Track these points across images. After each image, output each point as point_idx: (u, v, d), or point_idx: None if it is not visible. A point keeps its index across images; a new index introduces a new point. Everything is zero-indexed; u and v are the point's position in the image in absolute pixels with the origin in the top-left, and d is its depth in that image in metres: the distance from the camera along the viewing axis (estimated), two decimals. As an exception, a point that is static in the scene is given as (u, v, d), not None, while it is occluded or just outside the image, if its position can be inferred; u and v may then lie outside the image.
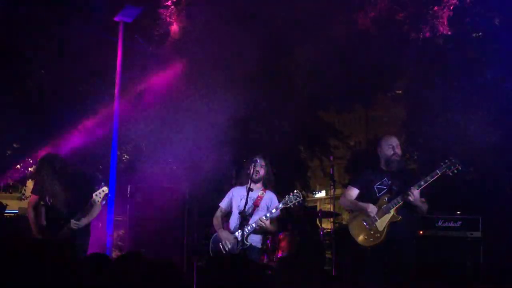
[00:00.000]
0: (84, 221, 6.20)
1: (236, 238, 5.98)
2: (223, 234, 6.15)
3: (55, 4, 10.22)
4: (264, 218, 5.92)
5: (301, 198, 6.07)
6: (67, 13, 10.26)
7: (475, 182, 10.63)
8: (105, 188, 6.16)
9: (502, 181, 10.38)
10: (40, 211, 6.42)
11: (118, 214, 9.29)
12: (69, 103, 10.85)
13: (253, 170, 6.09)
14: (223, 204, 6.42)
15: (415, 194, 5.61)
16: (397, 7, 9.87)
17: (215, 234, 6.29)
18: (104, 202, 6.27)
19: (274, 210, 5.99)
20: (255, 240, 6.08)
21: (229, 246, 5.99)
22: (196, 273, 9.01)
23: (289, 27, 10.36)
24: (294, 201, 5.99)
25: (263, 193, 6.17)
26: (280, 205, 6.01)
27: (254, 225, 5.94)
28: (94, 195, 6.09)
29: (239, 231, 5.95)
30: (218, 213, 6.42)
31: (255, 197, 6.12)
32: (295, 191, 6.06)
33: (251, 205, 6.03)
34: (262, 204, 6.12)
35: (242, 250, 5.86)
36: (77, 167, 6.80)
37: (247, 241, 5.93)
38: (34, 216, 6.39)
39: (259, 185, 6.20)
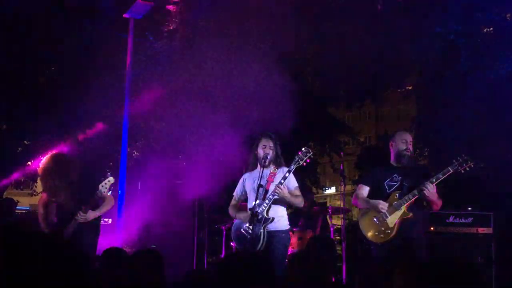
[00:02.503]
0: (91, 214, 6.14)
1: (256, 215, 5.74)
2: (242, 215, 5.96)
3: (66, 1, 10.26)
4: (281, 184, 5.69)
5: (311, 152, 5.84)
6: (77, 10, 10.30)
7: (486, 178, 10.57)
8: (111, 178, 6.07)
9: (513, 177, 10.31)
10: (51, 209, 6.45)
11: (128, 210, 9.31)
12: (80, 100, 10.89)
13: (263, 154, 5.95)
14: (236, 192, 6.25)
15: (430, 188, 5.58)
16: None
17: (235, 222, 6.09)
18: (110, 192, 6.19)
19: (287, 174, 5.75)
20: (279, 221, 5.85)
21: (251, 228, 5.71)
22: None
23: (299, 24, 10.35)
24: (305, 158, 5.79)
25: (275, 169, 5.97)
26: (293, 166, 5.79)
27: (271, 196, 5.70)
28: (100, 186, 6.05)
29: (259, 207, 5.73)
30: (233, 202, 6.23)
31: (268, 174, 5.92)
32: (303, 148, 5.86)
33: (265, 183, 5.84)
34: (277, 178, 5.85)
35: (264, 228, 5.68)
36: (83, 163, 6.77)
37: (268, 215, 5.74)
38: (44, 214, 6.41)
39: (270, 166, 6.01)
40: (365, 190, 6.04)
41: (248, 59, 10.12)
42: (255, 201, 5.83)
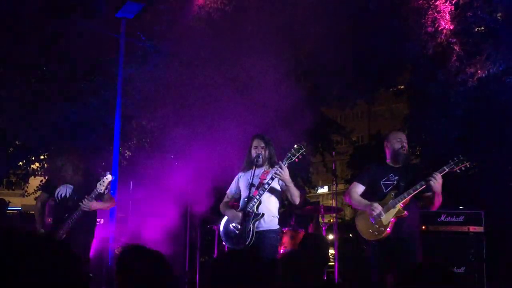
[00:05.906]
0: (95, 204, 6.18)
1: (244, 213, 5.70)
2: (230, 213, 5.95)
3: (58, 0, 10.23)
4: (280, 168, 5.59)
5: (304, 149, 5.70)
6: (68, 9, 10.26)
7: (478, 177, 10.61)
8: (109, 176, 6.11)
9: (504, 175, 10.36)
10: (47, 209, 6.52)
11: (119, 210, 9.29)
12: (71, 100, 10.86)
13: (255, 154, 5.94)
14: (230, 190, 6.24)
15: (438, 178, 5.53)
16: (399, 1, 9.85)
17: (223, 219, 6.08)
18: (107, 190, 6.22)
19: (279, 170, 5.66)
20: (270, 220, 5.81)
21: (239, 225, 5.69)
22: (199, 269, 9.04)
23: (291, 23, 10.35)
24: (297, 154, 5.68)
25: (268, 167, 5.95)
26: (285, 162, 5.67)
27: (267, 185, 5.68)
28: (98, 184, 6.09)
29: (250, 202, 5.71)
30: (225, 199, 6.24)
31: (261, 173, 5.91)
32: (295, 145, 5.74)
33: (257, 182, 5.81)
34: (269, 176, 5.80)
35: (254, 222, 5.65)
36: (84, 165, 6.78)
37: (257, 211, 5.70)
38: (41, 213, 6.50)
39: (264, 166, 6.01)
40: (359, 189, 5.99)
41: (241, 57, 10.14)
42: (245, 204, 5.80)
